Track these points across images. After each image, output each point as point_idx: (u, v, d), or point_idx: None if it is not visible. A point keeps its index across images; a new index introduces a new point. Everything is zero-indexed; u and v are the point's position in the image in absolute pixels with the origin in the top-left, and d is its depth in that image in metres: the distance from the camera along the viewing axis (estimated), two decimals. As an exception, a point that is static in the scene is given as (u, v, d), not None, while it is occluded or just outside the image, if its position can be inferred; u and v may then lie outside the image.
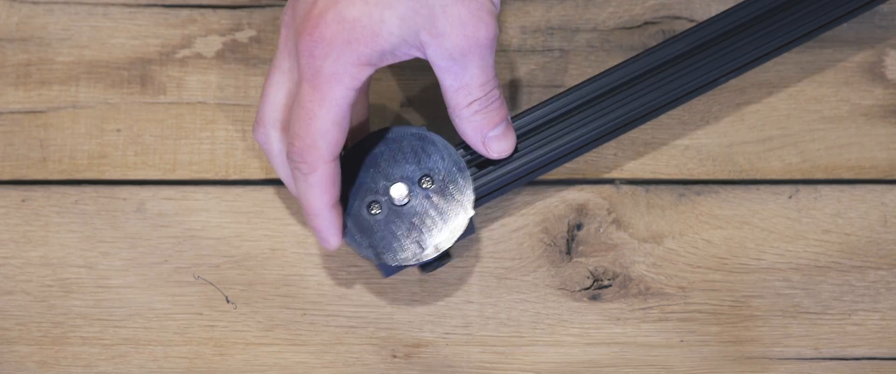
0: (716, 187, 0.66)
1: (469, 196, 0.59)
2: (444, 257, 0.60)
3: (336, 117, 0.55)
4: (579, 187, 0.66)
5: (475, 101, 0.57)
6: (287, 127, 0.58)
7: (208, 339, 0.64)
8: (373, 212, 0.59)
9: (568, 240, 0.65)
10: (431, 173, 0.59)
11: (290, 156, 0.57)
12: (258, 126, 0.59)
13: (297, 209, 0.65)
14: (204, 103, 0.67)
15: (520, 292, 0.64)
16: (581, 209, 0.65)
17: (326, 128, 0.55)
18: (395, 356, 0.64)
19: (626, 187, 0.66)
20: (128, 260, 0.64)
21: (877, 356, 0.64)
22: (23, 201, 0.65)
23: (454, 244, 0.59)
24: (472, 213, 0.59)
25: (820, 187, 0.66)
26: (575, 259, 0.65)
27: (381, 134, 0.60)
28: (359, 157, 0.60)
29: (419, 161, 0.59)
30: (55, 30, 0.67)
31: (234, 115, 0.66)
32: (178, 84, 0.67)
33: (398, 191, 0.59)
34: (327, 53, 0.54)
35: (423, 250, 0.59)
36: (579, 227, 0.65)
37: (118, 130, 0.66)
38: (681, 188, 0.66)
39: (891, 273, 0.65)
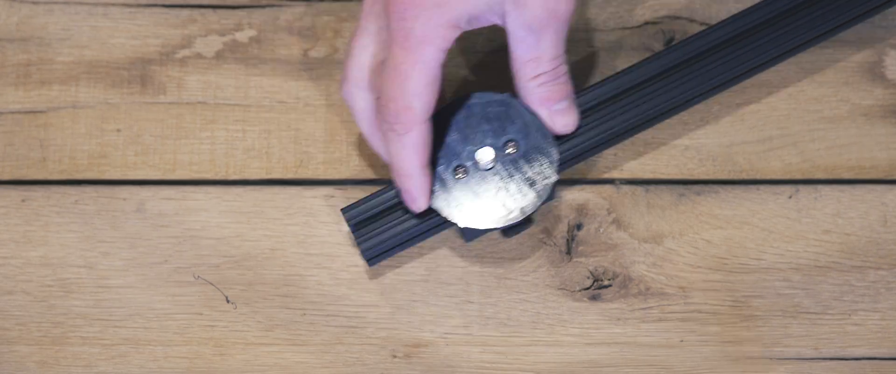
0: (716, 187, 0.66)
1: (554, 161, 0.60)
2: (527, 221, 0.61)
3: (429, 78, 0.57)
4: (579, 187, 0.66)
5: (543, 73, 0.59)
6: (372, 86, 0.59)
7: (208, 339, 0.64)
8: (458, 176, 0.60)
9: (568, 240, 0.65)
10: (516, 138, 0.60)
11: (384, 118, 0.58)
12: (345, 84, 0.60)
13: (297, 209, 0.65)
14: (204, 103, 0.67)
15: (520, 292, 0.64)
16: (581, 209, 0.65)
17: (420, 89, 0.57)
18: (395, 356, 0.64)
19: (626, 187, 0.66)
20: (128, 260, 0.64)
21: (877, 356, 0.64)
22: (23, 201, 0.65)
23: (537, 209, 0.60)
24: (556, 178, 0.60)
25: (820, 186, 0.66)
26: (575, 259, 0.65)
27: (464, 100, 0.61)
28: (443, 122, 0.60)
29: (503, 127, 0.60)
30: (55, 30, 0.67)
31: (234, 115, 0.66)
32: (178, 84, 0.67)
33: (484, 155, 0.60)
34: (417, 15, 0.56)
35: (509, 213, 0.59)
36: (579, 227, 0.65)
37: (118, 130, 0.66)
38: (681, 188, 0.66)
39: (891, 273, 0.65)
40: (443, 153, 0.60)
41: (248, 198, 0.65)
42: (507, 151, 0.60)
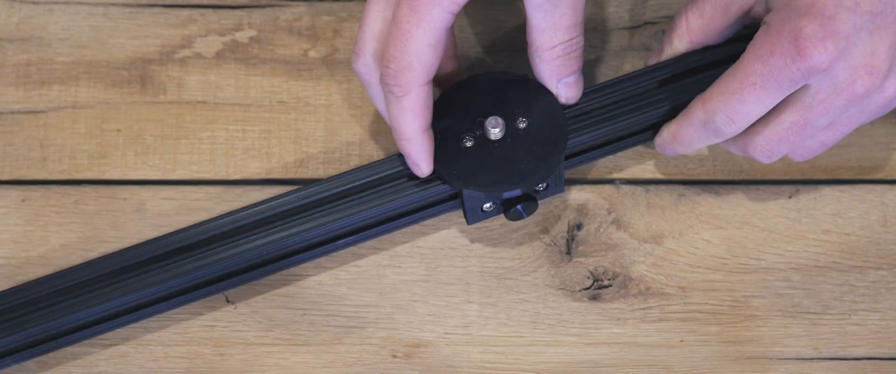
0: (716, 187, 0.66)
1: (563, 139, 0.59)
2: (532, 204, 0.60)
3: (432, 39, 0.56)
4: (579, 187, 0.66)
5: (559, 44, 0.58)
6: None
7: (208, 339, 0.64)
8: (465, 144, 0.59)
9: (568, 240, 0.65)
10: (527, 115, 0.60)
11: (383, 79, 0.57)
12: (358, 56, 0.59)
13: (297, 209, 0.65)
14: (204, 103, 0.67)
15: (520, 293, 0.64)
16: (581, 209, 0.65)
17: (422, 50, 0.56)
18: (395, 356, 0.64)
19: (626, 187, 0.66)
20: (128, 260, 0.64)
21: (877, 356, 0.64)
22: (23, 201, 0.65)
23: (543, 198, 0.60)
24: (562, 157, 0.59)
25: (820, 187, 0.66)
26: (575, 259, 0.65)
27: (478, 76, 0.61)
28: (455, 95, 0.60)
29: (516, 102, 0.60)
30: (55, 30, 0.67)
31: (234, 115, 0.66)
32: (178, 84, 0.67)
33: (492, 124, 0.59)
34: None
35: (511, 185, 0.59)
36: (579, 227, 0.65)
37: (118, 130, 0.66)
38: (681, 188, 0.66)
39: (891, 273, 0.65)
40: (452, 121, 0.60)
41: (248, 198, 0.65)
42: (518, 126, 0.59)
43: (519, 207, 0.61)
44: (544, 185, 0.61)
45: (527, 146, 0.59)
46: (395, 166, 0.61)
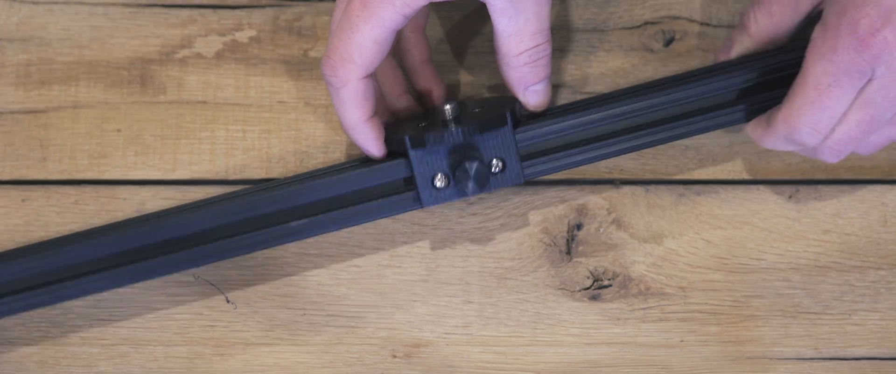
0: (716, 187, 0.66)
1: (510, 103, 0.60)
2: (481, 169, 0.59)
3: (378, 36, 0.56)
4: (579, 186, 0.66)
5: (526, 51, 0.58)
6: None
7: (208, 339, 0.64)
8: (420, 125, 0.60)
9: (568, 240, 0.65)
10: (483, 106, 0.60)
11: (322, 69, 0.57)
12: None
13: (297, 209, 0.65)
14: (204, 103, 0.67)
15: (520, 292, 0.64)
16: (581, 209, 0.65)
17: (366, 44, 0.56)
18: (395, 356, 0.64)
19: (626, 187, 0.66)
20: (128, 260, 0.64)
21: (877, 356, 0.64)
22: (23, 201, 0.65)
23: (500, 186, 0.59)
24: (510, 125, 0.59)
25: (820, 187, 0.66)
26: (575, 259, 0.65)
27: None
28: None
29: (476, 103, 0.62)
30: (55, 30, 0.67)
31: (234, 115, 0.66)
32: (178, 84, 0.67)
33: (447, 106, 0.60)
34: None
35: (452, 127, 0.59)
36: (579, 227, 0.65)
37: (118, 130, 0.66)
38: (681, 188, 0.66)
39: (891, 273, 0.65)
40: (413, 115, 0.61)
41: (248, 198, 0.65)
42: (472, 110, 0.60)
43: (466, 165, 0.59)
44: (499, 164, 0.60)
45: (477, 119, 0.59)
46: (356, 161, 0.62)
